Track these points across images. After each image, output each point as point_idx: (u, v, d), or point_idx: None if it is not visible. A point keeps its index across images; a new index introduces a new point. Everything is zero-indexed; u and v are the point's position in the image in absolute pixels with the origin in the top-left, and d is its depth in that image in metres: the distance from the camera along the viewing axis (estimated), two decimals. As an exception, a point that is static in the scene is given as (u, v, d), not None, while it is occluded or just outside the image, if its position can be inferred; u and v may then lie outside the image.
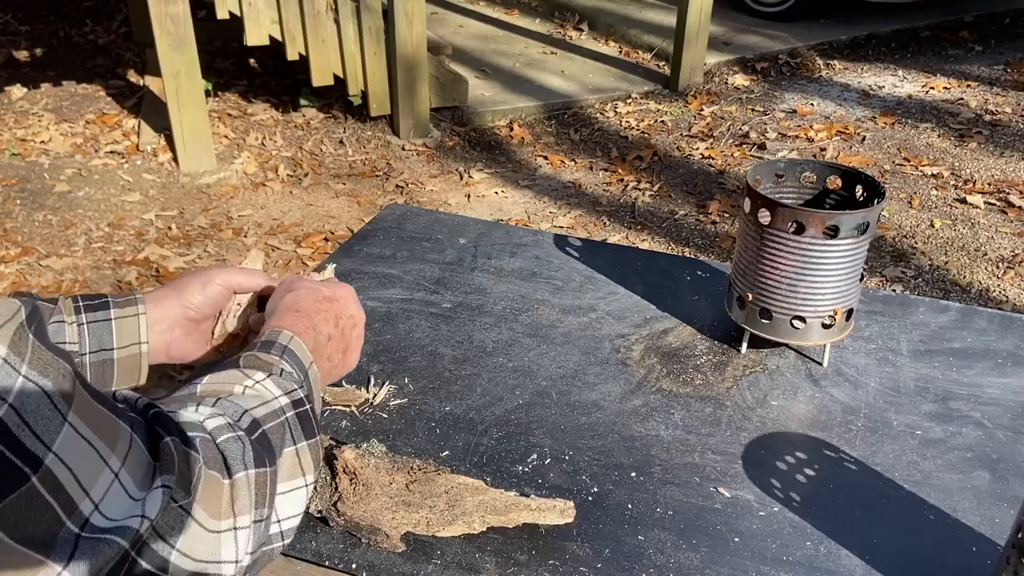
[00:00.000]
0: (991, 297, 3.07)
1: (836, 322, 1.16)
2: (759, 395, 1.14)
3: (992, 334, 1.28)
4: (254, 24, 4.02)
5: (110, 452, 0.43)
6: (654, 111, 4.72)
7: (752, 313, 1.18)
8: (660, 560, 0.88)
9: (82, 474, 0.41)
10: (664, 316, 1.30)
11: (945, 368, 1.20)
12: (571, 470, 1.00)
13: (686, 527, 0.93)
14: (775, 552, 0.90)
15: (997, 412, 1.11)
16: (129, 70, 5.09)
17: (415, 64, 4.19)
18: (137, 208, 3.72)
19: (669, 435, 1.06)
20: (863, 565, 0.88)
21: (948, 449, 1.05)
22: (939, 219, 3.58)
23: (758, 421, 1.09)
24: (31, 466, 0.38)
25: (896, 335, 1.28)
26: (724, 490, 0.98)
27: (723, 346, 1.24)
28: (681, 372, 1.19)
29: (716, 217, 3.64)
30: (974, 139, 4.27)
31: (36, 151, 4.16)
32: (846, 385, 1.16)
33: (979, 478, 1.00)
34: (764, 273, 1.15)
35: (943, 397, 1.14)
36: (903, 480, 1.00)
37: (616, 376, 1.17)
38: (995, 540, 0.92)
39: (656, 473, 1.00)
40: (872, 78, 5.13)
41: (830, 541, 0.91)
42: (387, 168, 4.12)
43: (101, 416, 0.44)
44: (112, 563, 0.42)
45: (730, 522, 0.94)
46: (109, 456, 0.43)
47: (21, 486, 0.38)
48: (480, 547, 0.89)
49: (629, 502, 0.96)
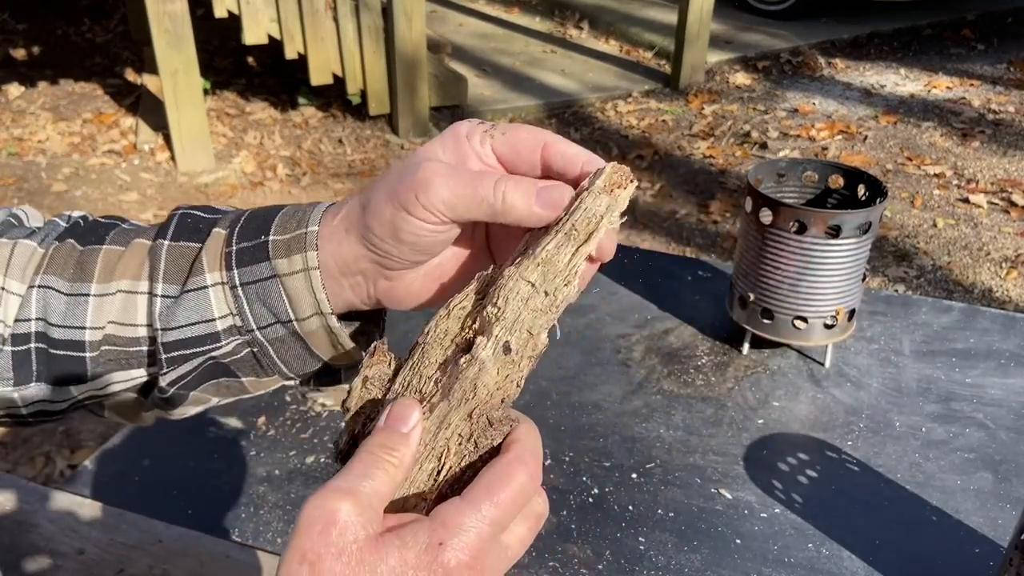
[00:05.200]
0: (994, 297, 3.06)
1: (838, 322, 1.16)
2: (761, 396, 1.13)
3: (995, 334, 1.27)
4: (252, 23, 4.01)
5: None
6: (655, 110, 4.71)
7: (754, 313, 1.17)
8: (661, 562, 0.88)
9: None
10: (665, 316, 1.30)
11: (948, 369, 1.19)
12: (571, 471, 0.99)
13: (687, 528, 0.92)
14: (777, 554, 0.89)
15: (1000, 413, 1.11)
16: (127, 69, 5.08)
17: (414, 63, 4.18)
18: (135, 208, 3.71)
19: (670, 436, 1.06)
20: (865, 567, 0.88)
21: (951, 450, 1.04)
22: (942, 219, 3.57)
23: (760, 422, 1.08)
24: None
25: (898, 335, 1.27)
26: (725, 491, 0.97)
27: (724, 346, 1.23)
28: (682, 373, 1.18)
29: (717, 217, 3.63)
30: (977, 138, 4.26)
31: (33, 150, 4.15)
32: (848, 386, 1.16)
33: (982, 479, 1.00)
34: (766, 273, 1.14)
35: (946, 398, 1.13)
36: (905, 481, 0.99)
37: (617, 377, 1.16)
38: (997, 541, 0.91)
39: (657, 474, 0.99)
40: (874, 77, 5.12)
41: (832, 542, 0.91)
42: (386, 167, 4.11)
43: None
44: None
45: (731, 523, 0.93)
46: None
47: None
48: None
49: (630, 503, 0.95)
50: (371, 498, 0.37)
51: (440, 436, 0.41)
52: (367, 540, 0.36)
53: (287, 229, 0.47)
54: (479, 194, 0.42)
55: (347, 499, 0.36)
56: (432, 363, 0.43)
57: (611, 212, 0.44)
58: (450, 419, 0.41)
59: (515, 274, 0.42)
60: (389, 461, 0.38)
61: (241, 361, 0.49)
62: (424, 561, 0.36)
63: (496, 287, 0.43)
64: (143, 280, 0.49)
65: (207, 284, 0.48)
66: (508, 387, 0.42)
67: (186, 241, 0.49)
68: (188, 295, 0.48)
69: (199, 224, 0.50)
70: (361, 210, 0.45)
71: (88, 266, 0.50)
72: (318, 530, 0.35)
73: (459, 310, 0.44)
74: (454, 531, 0.37)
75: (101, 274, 0.49)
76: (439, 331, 0.44)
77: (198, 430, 1.08)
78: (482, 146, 0.46)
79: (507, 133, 0.46)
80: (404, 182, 0.43)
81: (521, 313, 0.42)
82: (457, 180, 0.43)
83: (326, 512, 0.36)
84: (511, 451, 0.40)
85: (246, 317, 0.48)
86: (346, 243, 0.46)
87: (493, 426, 0.42)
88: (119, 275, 0.49)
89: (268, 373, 0.50)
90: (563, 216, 0.44)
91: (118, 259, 0.50)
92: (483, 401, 0.41)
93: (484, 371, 0.41)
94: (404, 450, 0.39)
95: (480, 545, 0.37)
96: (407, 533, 0.36)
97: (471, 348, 0.42)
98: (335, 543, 0.35)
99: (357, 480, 0.37)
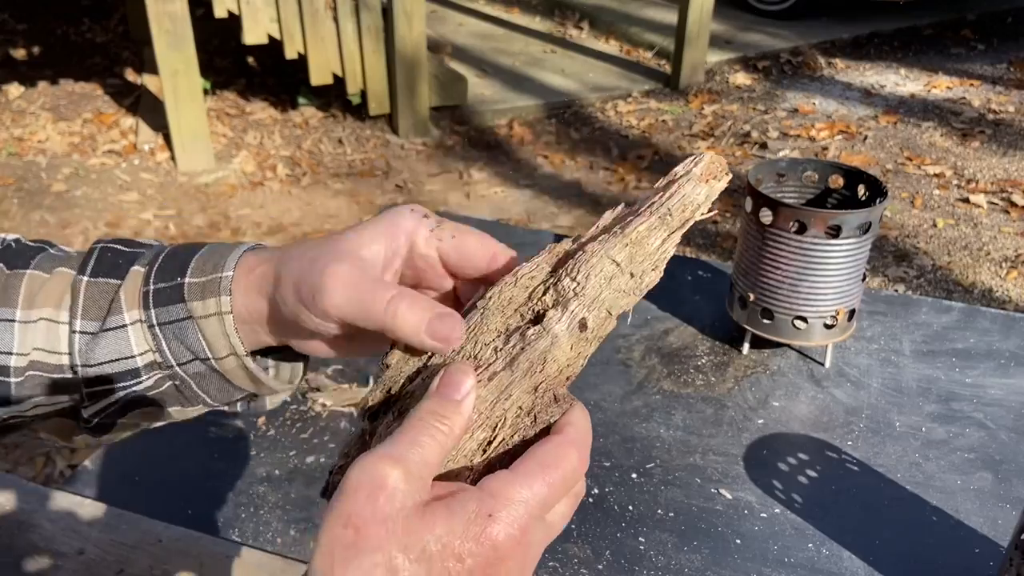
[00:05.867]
0: (994, 297, 3.06)
1: (838, 322, 1.16)
2: (760, 396, 1.13)
3: (995, 334, 1.27)
4: (252, 22, 4.01)
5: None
6: (655, 110, 4.71)
7: (754, 313, 1.18)
8: (661, 562, 0.88)
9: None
10: (665, 316, 1.30)
11: (948, 369, 1.19)
12: (571, 471, 0.99)
13: (687, 529, 0.92)
14: (777, 554, 0.89)
15: (1000, 413, 1.11)
16: (127, 69, 5.08)
17: (415, 63, 4.18)
18: (135, 208, 3.71)
19: (670, 436, 1.06)
20: (865, 567, 0.88)
21: (951, 450, 1.04)
22: (942, 219, 3.57)
23: (760, 422, 1.08)
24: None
25: (898, 335, 1.27)
26: (725, 491, 0.97)
27: (724, 346, 1.23)
28: (682, 373, 1.18)
29: (717, 217, 3.63)
30: (977, 138, 4.26)
31: (33, 150, 4.15)
32: (848, 386, 1.16)
33: (982, 479, 1.00)
34: (766, 273, 1.14)
35: (945, 398, 1.13)
36: (905, 481, 0.99)
37: (617, 376, 1.16)
38: (998, 542, 0.91)
39: (657, 474, 0.99)
40: (874, 77, 5.12)
41: (832, 543, 0.91)
42: (386, 167, 4.11)
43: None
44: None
45: (731, 524, 0.93)
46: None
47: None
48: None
49: (630, 503, 0.95)
50: (420, 467, 0.36)
51: (498, 406, 0.40)
52: (414, 508, 0.35)
53: (203, 272, 0.48)
54: (372, 309, 0.42)
55: (397, 466, 0.35)
56: (492, 330, 0.42)
57: (708, 202, 0.43)
58: (511, 390, 0.40)
59: (600, 251, 0.41)
60: (439, 429, 0.38)
61: (164, 393, 0.50)
62: (472, 532, 0.35)
63: (576, 261, 0.41)
64: (63, 311, 0.49)
65: (126, 322, 0.48)
66: (576, 364, 0.41)
67: (105, 277, 0.50)
68: (107, 333, 0.48)
69: (118, 259, 0.50)
70: (274, 283, 0.45)
71: (12, 291, 0.50)
72: (365, 495, 0.34)
73: (527, 279, 0.42)
74: (504, 503, 0.36)
75: (24, 300, 0.50)
76: (503, 298, 0.42)
77: (198, 430, 1.08)
78: (427, 248, 0.45)
79: (456, 237, 0.45)
80: (308, 280, 0.43)
81: (602, 291, 0.41)
82: (354, 290, 0.42)
83: (375, 477, 0.35)
84: (565, 433, 0.40)
85: (165, 354, 0.48)
86: (258, 302, 0.46)
87: (558, 402, 0.41)
88: (40, 303, 0.49)
89: (192, 403, 0.51)
90: (656, 199, 0.43)
91: (40, 286, 0.50)
92: (551, 376, 0.40)
93: (557, 345, 0.40)
94: (456, 419, 0.38)
95: (528, 521, 0.37)
96: (455, 503, 0.36)
97: (540, 320, 0.41)
98: (381, 509, 0.34)
99: (407, 448, 0.36)
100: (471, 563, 0.35)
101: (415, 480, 0.36)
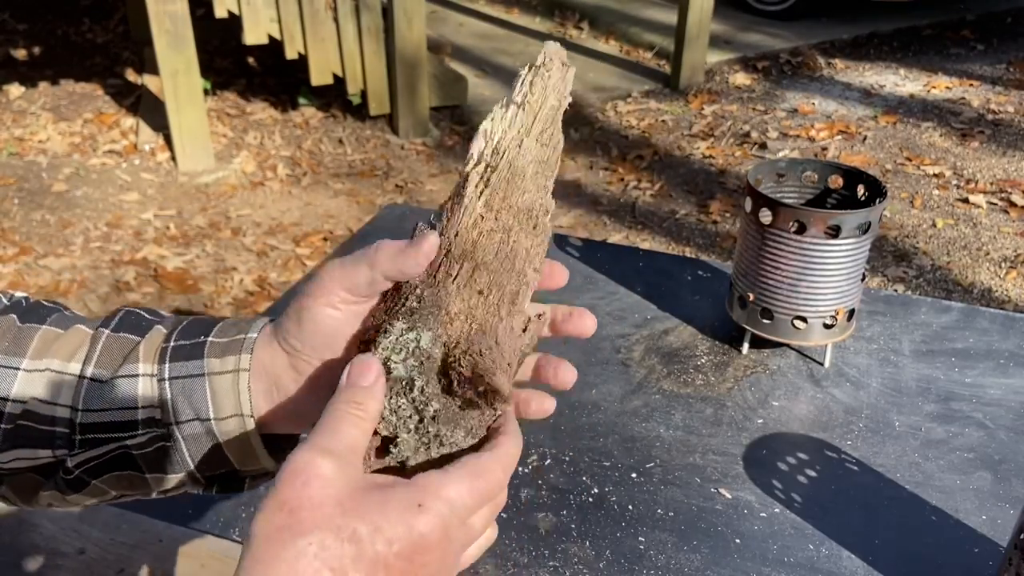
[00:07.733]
0: (993, 297, 3.06)
1: (838, 322, 1.16)
2: (760, 396, 1.13)
3: (994, 334, 1.27)
4: (253, 23, 4.01)
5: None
6: (655, 110, 4.71)
7: (753, 313, 1.18)
8: (661, 561, 0.88)
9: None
10: (665, 316, 1.30)
11: (947, 368, 1.20)
12: (571, 471, 0.99)
13: (687, 528, 0.92)
14: (776, 553, 0.89)
15: (999, 413, 1.11)
16: (127, 69, 5.08)
17: (415, 63, 4.18)
18: (135, 208, 3.71)
19: (670, 436, 1.06)
20: (864, 567, 0.88)
21: (950, 450, 1.04)
22: (941, 219, 3.57)
23: (759, 422, 1.09)
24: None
25: (898, 335, 1.27)
26: (725, 491, 0.97)
27: (724, 346, 1.23)
28: (682, 372, 1.18)
29: (717, 217, 3.63)
30: (976, 138, 4.26)
31: (34, 150, 4.15)
32: (848, 385, 1.16)
33: (981, 479, 1.00)
34: (765, 273, 1.14)
35: (945, 398, 1.13)
36: (905, 481, 0.99)
37: (616, 376, 1.16)
38: (997, 541, 0.91)
39: (657, 474, 1.00)
40: (874, 77, 5.12)
41: (831, 542, 0.91)
42: (386, 167, 4.11)
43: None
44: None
45: (731, 523, 0.93)
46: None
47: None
48: (479, 549, 0.88)
49: (630, 503, 0.95)
50: (348, 453, 0.40)
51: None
52: (349, 493, 0.38)
53: (227, 334, 0.50)
54: (360, 261, 0.48)
55: (328, 456, 0.39)
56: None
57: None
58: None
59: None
60: (357, 415, 0.41)
61: (150, 456, 0.50)
62: (404, 519, 0.38)
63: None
64: (74, 362, 0.50)
65: (138, 373, 0.49)
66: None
67: (127, 333, 0.51)
68: (117, 380, 0.49)
69: (142, 321, 0.52)
70: (281, 318, 0.50)
71: (24, 342, 0.51)
72: (301, 481, 0.37)
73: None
74: (433, 498, 0.39)
75: (35, 351, 0.50)
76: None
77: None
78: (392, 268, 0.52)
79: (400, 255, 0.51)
80: (303, 290, 0.49)
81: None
82: (340, 266, 0.48)
83: (309, 466, 0.38)
84: (499, 447, 0.43)
85: (167, 410, 0.49)
86: (268, 348, 0.49)
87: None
88: (52, 354, 0.50)
89: (175, 471, 0.51)
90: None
91: (55, 339, 0.51)
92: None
93: None
94: (371, 403, 0.42)
95: (452, 519, 0.39)
96: (390, 491, 0.39)
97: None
98: (315, 494, 0.37)
99: (332, 437, 0.40)
100: (398, 548, 0.37)
101: (346, 466, 0.39)
